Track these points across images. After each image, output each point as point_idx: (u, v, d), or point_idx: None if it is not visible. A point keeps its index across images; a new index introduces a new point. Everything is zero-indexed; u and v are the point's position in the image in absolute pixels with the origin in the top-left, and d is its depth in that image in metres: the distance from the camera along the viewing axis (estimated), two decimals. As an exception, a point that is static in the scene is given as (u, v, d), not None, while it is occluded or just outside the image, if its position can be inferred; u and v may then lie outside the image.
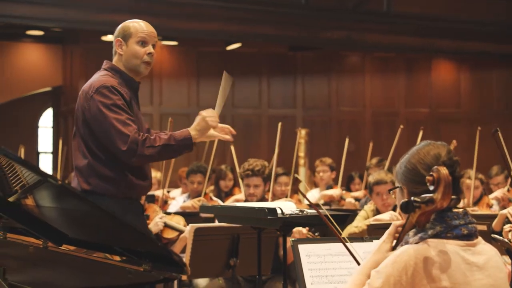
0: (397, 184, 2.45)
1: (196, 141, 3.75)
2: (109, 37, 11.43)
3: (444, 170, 2.21)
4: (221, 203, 6.77)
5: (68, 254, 2.86)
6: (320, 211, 4.12)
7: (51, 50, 12.23)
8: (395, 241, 2.37)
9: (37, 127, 14.61)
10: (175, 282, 2.34)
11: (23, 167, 2.48)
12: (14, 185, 2.81)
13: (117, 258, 2.69)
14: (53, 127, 13.70)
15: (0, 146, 2.29)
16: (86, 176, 3.67)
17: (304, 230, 4.43)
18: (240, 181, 6.57)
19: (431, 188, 2.22)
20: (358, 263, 2.65)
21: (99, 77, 3.77)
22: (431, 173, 2.23)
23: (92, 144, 3.67)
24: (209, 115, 3.81)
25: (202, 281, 5.37)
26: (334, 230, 2.76)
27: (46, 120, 14.53)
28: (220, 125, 3.91)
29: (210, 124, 3.78)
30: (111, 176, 3.66)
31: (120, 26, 3.89)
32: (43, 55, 12.24)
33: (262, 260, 4.13)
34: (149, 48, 3.83)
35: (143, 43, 3.82)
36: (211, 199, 6.92)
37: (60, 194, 2.64)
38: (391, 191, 2.50)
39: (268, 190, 6.11)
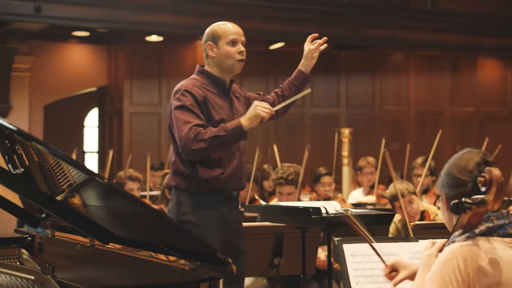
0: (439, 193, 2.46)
1: (246, 128, 3.84)
2: (153, 38, 11.53)
3: (496, 171, 2.19)
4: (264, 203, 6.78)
5: (115, 252, 2.90)
6: (364, 211, 4.10)
7: (96, 50, 12.36)
8: None
9: (83, 126, 14.79)
10: (221, 281, 2.34)
11: (70, 166, 2.51)
12: (61, 184, 2.85)
13: (162, 256, 2.71)
14: (98, 126, 13.85)
15: (49, 145, 2.32)
16: (173, 172, 3.95)
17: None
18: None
19: (483, 189, 2.19)
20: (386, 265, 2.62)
21: (185, 80, 4.02)
22: (482, 174, 2.21)
23: (174, 143, 3.91)
24: (261, 104, 3.87)
25: (245, 280, 5.38)
26: (358, 231, 2.73)
27: (92, 120, 14.70)
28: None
29: (259, 112, 3.83)
30: (186, 172, 3.89)
31: (207, 30, 4.07)
32: (89, 56, 12.38)
33: (306, 259, 4.13)
34: (240, 47, 4.03)
35: (233, 43, 4.01)
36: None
37: (107, 193, 2.66)
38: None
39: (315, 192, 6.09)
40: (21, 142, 2.79)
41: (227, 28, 4.04)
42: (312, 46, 4.36)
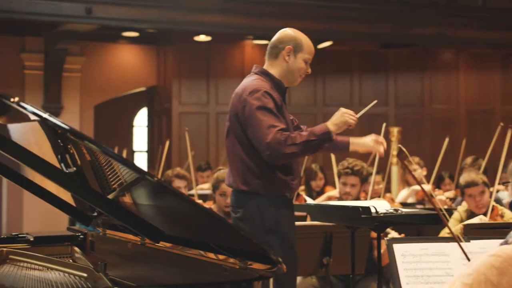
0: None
1: (333, 134, 3.78)
2: (201, 37, 11.59)
3: None
4: (309, 200, 6.77)
5: (165, 250, 2.92)
6: (413, 210, 4.06)
7: (145, 51, 12.48)
8: None
9: (132, 126, 14.93)
10: (271, 280, 2.33)
11: (121, 164, 2.54)
12: (112, 183, 2.88)
13: (211, 255, 2.72)
14: (147, 126, 13.98)
15: (101, 144, 2.35)
16: (241, 175, 3.78)
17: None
18: (336, 178, 6.55)
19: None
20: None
21: (251, 81, 3.84)
22: None
23: (246, 144, 3.76)
24: (348, 111, 3.83)
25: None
26: (449, 228, 2.71)
27: (141, 119, 14.84)
28: (375, 136, 3.98)
29: (347, 119, 3.79)
30: (262, 174, 3.74)
31: (291, 34, 3.94)
32: (138, 56, 12.50)
33: (356, 259, 4.11)
34: (308, 68, 3.97)
35: (306, 62, 3.93)
36: (305, 201, 6.91)
37: (157, 191, 2.68)
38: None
39: (364, 191, 6.06)
40: (73, 141, 2.83)
41: (310, 45, 3.97)
42: (376, 146, 3.96)
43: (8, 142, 2.82)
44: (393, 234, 4.75)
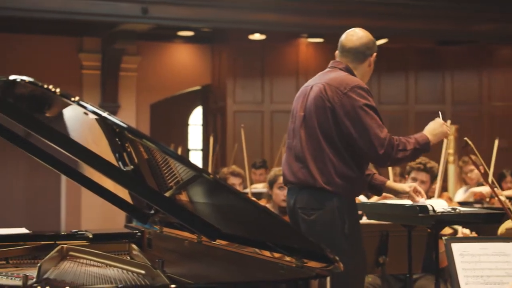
0: None
1: (431, 144, 3.73)
2: (256, 36, 11.61)
3: None
4: (365, 200, 6.71)
5: (221, 248, 2.93)
6: (472, 209, 4.00)
7: (200, 50, 12.55)
8: None
9: (187, 124, 15.04)
10: (328, 278, 2.32)
11: (179, 162, 2.55)
12: (169, 181, 2.90)
13: (267, 253, 2.71)
14: (202, 124, 14.07)
15: (159, 142, 2.37)
16: (325, 172, 3.61)
17: None
18: (391, 175, 6.48)
19: None
20: None
21: (346, 75, 3.72)
22: None
23: (337, 141, 3.62)
24: (445, 123, 3.79)
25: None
26: None
27: (196, 118, 14.94)
28: (413, 185, 3.90)
29: (446, 131, 3.77)
30: (350, 175, 3.61)
31: (372, 39, 3.86)
32: (193, 55, 12.59)
33: (413, 258, 4.07)
34: None
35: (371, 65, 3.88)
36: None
37: (214, 189, 2.69)
38: None
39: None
40: (130, 140, 2.86)
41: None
42: (413, 195, 3.83)
43: (68, 141, 2.86)
44: (464, 231, 4.69)
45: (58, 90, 2.26)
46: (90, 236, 3.69)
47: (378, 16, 10.33)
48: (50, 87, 2.24)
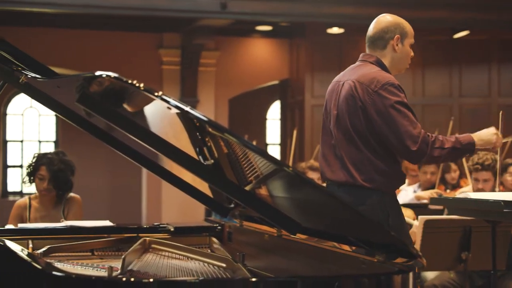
0: None
1: (476, 147, 3.65)
2: (334, 30, 11.55)
3: None
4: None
5: (301, 242, 2.92)
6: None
7: (278, 44, 12.57)
8: None
9: (265, 119, 15.10)
10: (411, 274, 2.29)
11: (260, 156, 2.56)
12: (249, 175, 2.91)
13: (346, 247, 2.70)
14: (280, 119, 14.09)
15: (241, 137, 2.38)
16: (363, 170, 3.60)
17: None
18: (467, 174, 6.36)
19: None
20: None
21: (376, 71, 3.68)
22: None
23: (370, 138, 3.59)
24: (498, 133, 3.69)
25: (430, 274, 5.28)
26: None
27: (274, 112, 14.98)
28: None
29: (495, 141, 3.66)
30: (387, 170, 3.59)
31: (394, 21, 3.79)
32: (271, 50, 12.61)
33: (497, 254, 3.98)
34: (412, 52, 3.84)
35: (411, 46, 3.82)
36: (445, 190, 6.74)
37: (294, 183, 2.69)
38: None
39: (501, 184, 5.84)
40: (211, 134, 2.88)
41: (411, 29, 3.81)
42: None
43: (150, 134, 2.91)
44: None
45: (142, 85, 2.29)
46: (172, 229, 3.74)
47: (459, 8, 10.13)
48: (134, 82, 2.28)
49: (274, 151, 14.74)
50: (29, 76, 3.15)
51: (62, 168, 5.09)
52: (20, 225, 4.12)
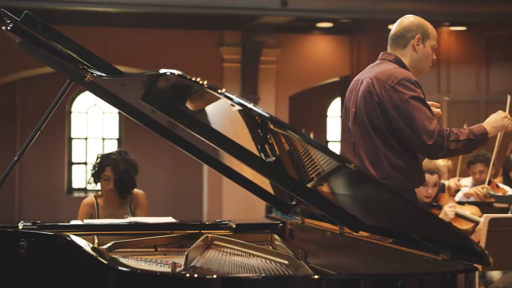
0: None
1: (489, 136, 3.66)
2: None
3: None
4: (509, 190, 6.47)
5: (363, 240, 2.90)
6: None
7: (339, 41, 12.51)
8: None
9: (326, 116, 15.05)
10: (477, 273, 2.26)
11: (323, 153, 2.55)
12: (310, 172, 2.90)
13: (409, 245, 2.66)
14: (340, 116, 14.03)
15: (304, 134, 2.37)
16: (380, 167, 3.64)
17: None
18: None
19: None
20: None
21: (394, 68, 3.70)
22: None
23: (388, 134, 3.63)
24: (507, 115, 3.69)
25: (496, 274, 5.19)
26: None
27: (335, 109, 14.92)
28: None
29: (508, 124, 3.67)
30: (406, 167, 3.63)
31: (416, 21, 3.81)
32: (331, 46, 12.56)
33: None
34: (434, 55, 3.83)
35: (433, 49, 3.81)
36: (497, 186, 6.61)
37: (357, 180, 2.67)
38: None
39: None
40: (272, 131, 2.88)
41: (434, 31, 3.82)
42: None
43: (213, 131, 2.93)
44: None
45: (205, 82, 2.31)
46: (234, 226, 3.76)
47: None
48: (198, 79, 2.30)
49: (335, 148, 14.69)
50: (95, 74, 3.20)
51: (126, 168, 5.14)
52: (86, 221, 4.20)
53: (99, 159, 5.21)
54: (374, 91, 3.65)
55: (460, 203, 5.51)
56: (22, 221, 3.50)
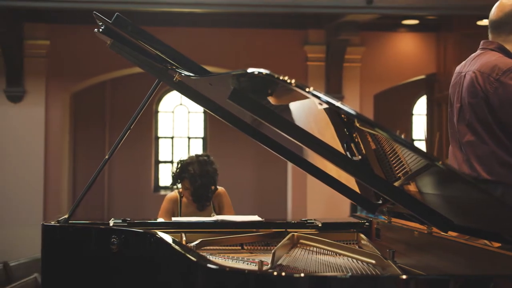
0: None
1: None
2: (484, 22, 11.17)
3: None
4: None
5: (452, 240, 2.85)
6: None
7: (425, 38, 12.31)
8: None
9: (411, 114, 14.84)
10: None
11: (411, 152, 2.51)
12: (397, 171, 2.87)
13: (498, 245, 2.60)
14: (426, 114, 13.81)
15: (392, 132, 2.34)
16: (486, 162, 3.50)
17: None
18: None
19: None
20: None
21: (497, 58, 3.53)
22: None
23: (496, 128, 3.46)
24: None
25: None
26: None
27: (420, 107, 14.69)
28: None
29: None
30: (510, 161, 3.45)
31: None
32: (417, 44, 12.37)
33: None
34: None
35: None
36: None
37: (446, 179, 2.62)
38: None
39: None
40: (358, 130, 2.86)
41: None
42: None
43: (298, 129, 2.93)
44: None
45: (293, 81, 2.32)
46: (319, 225, 3.76)
47: None
48: (286, 78, 2.31)
49: (421, 146, 14.46)
50: (183, 74, 3.25)
51: (204, 183, 5.15)
52: (174, 219, 4.27)
53: (178, 169, 5.24)
54: (479, 86, 3.51)
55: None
56: (112, 218, 3.59)
